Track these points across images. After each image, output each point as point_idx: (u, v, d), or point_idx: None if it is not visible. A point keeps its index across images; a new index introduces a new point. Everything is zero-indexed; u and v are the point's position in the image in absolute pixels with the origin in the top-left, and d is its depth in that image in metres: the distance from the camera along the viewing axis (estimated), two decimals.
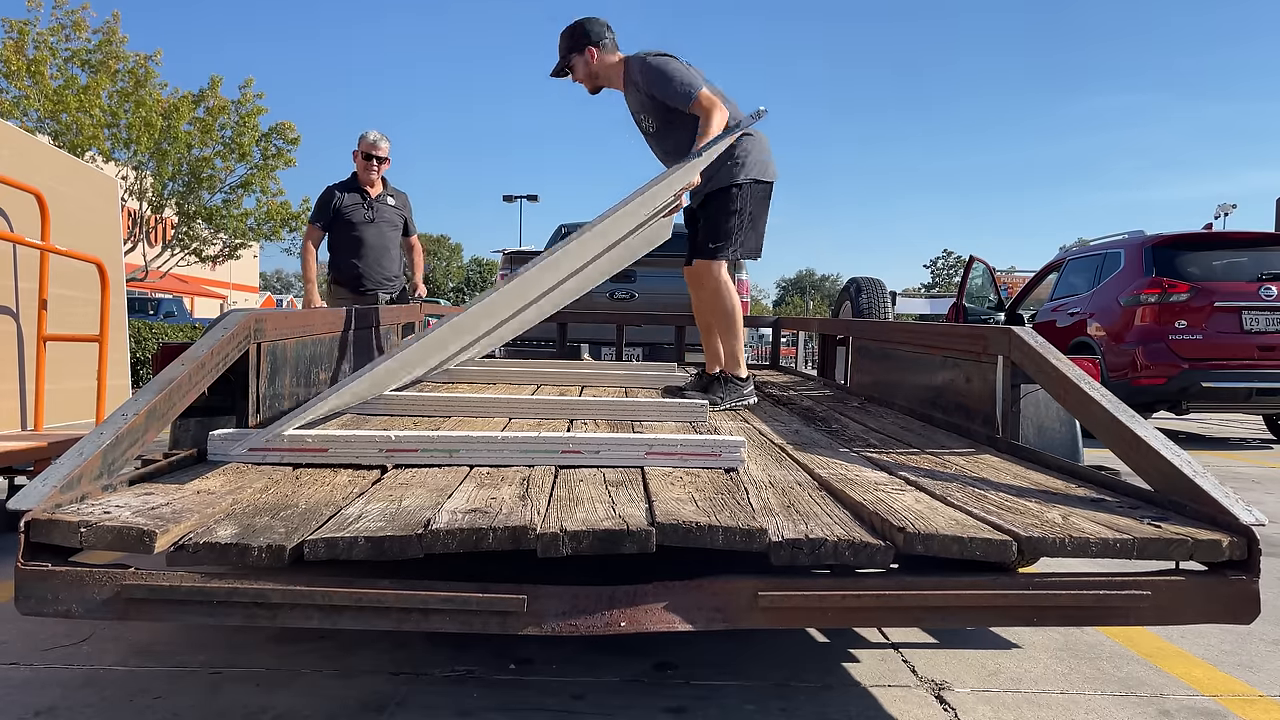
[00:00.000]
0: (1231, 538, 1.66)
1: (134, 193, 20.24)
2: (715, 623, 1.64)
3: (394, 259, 5.79)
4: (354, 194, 5.65)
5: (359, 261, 5.63)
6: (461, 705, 2.13)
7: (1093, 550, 1.65)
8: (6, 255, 3.68)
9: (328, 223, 5.64)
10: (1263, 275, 7.74)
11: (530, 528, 1.63)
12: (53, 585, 1.55)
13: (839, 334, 5.76)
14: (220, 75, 20.21)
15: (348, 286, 5.65)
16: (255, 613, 1.57)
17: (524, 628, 1.60)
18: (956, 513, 1.83)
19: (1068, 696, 2.26)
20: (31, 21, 18.49)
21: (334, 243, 5.68)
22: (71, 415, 4.04)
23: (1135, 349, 7.74)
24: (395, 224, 5.78)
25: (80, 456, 1.75)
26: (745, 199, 3.72)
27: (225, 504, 1.82)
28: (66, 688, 2.18)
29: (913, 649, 2.57)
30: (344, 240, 5.64)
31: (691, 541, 1.65)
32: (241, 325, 2.53)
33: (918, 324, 5.54)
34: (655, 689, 2.24)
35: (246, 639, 2.51)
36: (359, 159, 5.63)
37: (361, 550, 1.59)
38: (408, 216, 5.88)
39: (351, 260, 5.65)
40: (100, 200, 4.61)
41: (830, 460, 2.50)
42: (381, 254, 5.68)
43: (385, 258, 5.70)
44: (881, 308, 7.02)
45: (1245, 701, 2.25)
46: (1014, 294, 10.49)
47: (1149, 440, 2.00)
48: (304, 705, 2.11)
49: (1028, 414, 2.83)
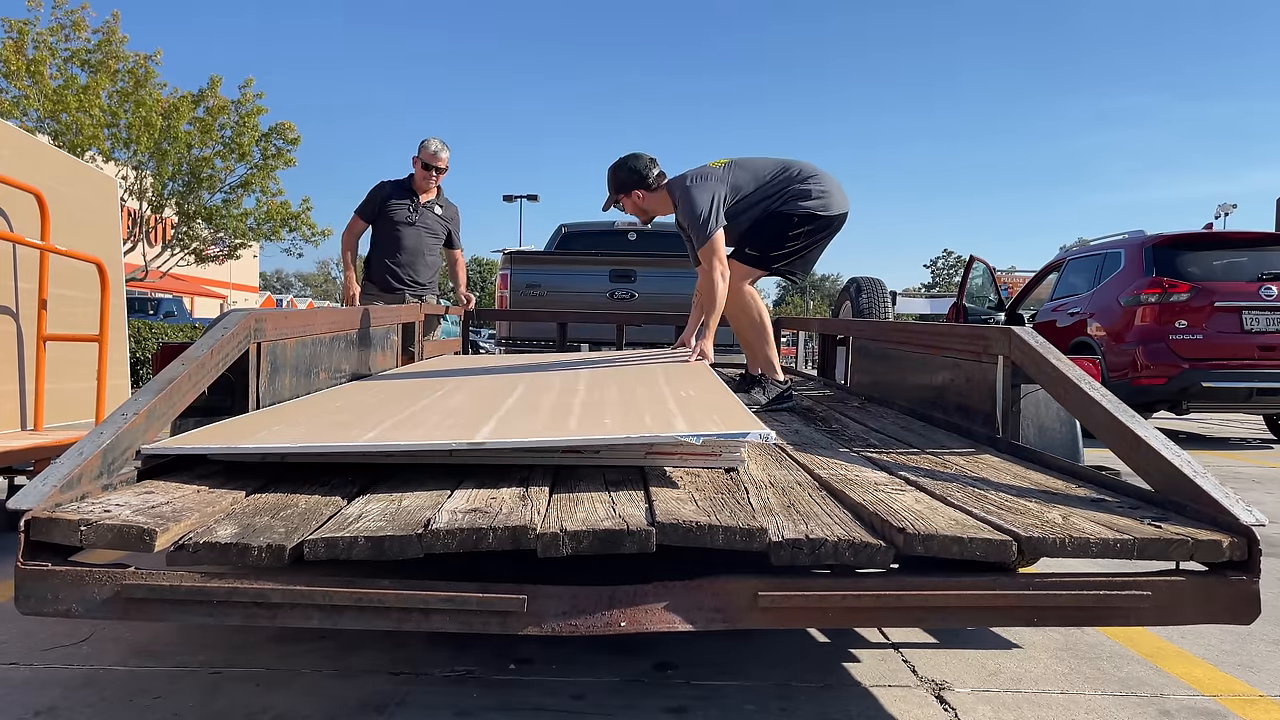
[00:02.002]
0: (1232, 538, 1.66)
1: (134, 193, 20.24)
2: (715, 623, 1.64)
3: (429, 266, 5.74)
4: (403, 194, 5.65)
5: (391, 261, 5.63)
6: (461, 705, 2.13)
7: (1093, 550, 1.65)
8: (6, 255, 3.68)
9: (372, 217, 5.65)
10: (1263, 275, 7.74)
11: (530, 527, 1.63)
12: (53, 585, 1.55)
13: (839, 334, 5.76)
14: (220, 75, 20.23)
15: (377, 284, 5.65)
16: (255, 612, 1.57)
17: (524, 628, 1.60)
18: (957, 513, 1.83)
19: (1068, 696, 2.26)
20: (31, 21, 18.48)
21: (375, 238, 5.71)
22: (71, 415, 4.04)
23: (1135, 349, 7.74)
24: (436, 232, 5.75)
25: (80, 456, 1.75)
26: (803, 229, 3.85)
27: (225, 503, 1.82)
28: (66, 688, 2.18)
29: (913, 649, 2.57)
30: (383, 237, 5.65)
31: (692, 541, 1.65)
32: (241, 325, 2.53)
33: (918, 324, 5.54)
34: (655, 689, 2.24)
35: (246, 639, 2.51)
36: (418, 166, 5.60)
37: (362, 550, 1.59)
38: (452, 229, 5.85)
39: (384, 259, 5.65)
40: (100, 200, 4.61)
41: (830, 460, 2.50)
42: (416, 258, 5.65)
43: (420, 262, 5.67)
44: (881, 308, 7.02)
45: (1245, 702, 2.25)
46: (1014, 294, 10.49)
47: (1149, 440, 2.00)
48: (304, 705, 2.11)
49: (1028, 414, 2.83)
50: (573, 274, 7.78)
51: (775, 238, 3.86)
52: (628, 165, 3.91)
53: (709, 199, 3.74)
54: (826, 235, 3.93)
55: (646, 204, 3.95)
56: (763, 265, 3.91)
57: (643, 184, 3.90)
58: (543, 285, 7.68)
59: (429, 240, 5.73)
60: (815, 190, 3.84)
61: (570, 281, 7.71)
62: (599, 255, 7.93)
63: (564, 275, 7.78)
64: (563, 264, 8.03)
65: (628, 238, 8.80)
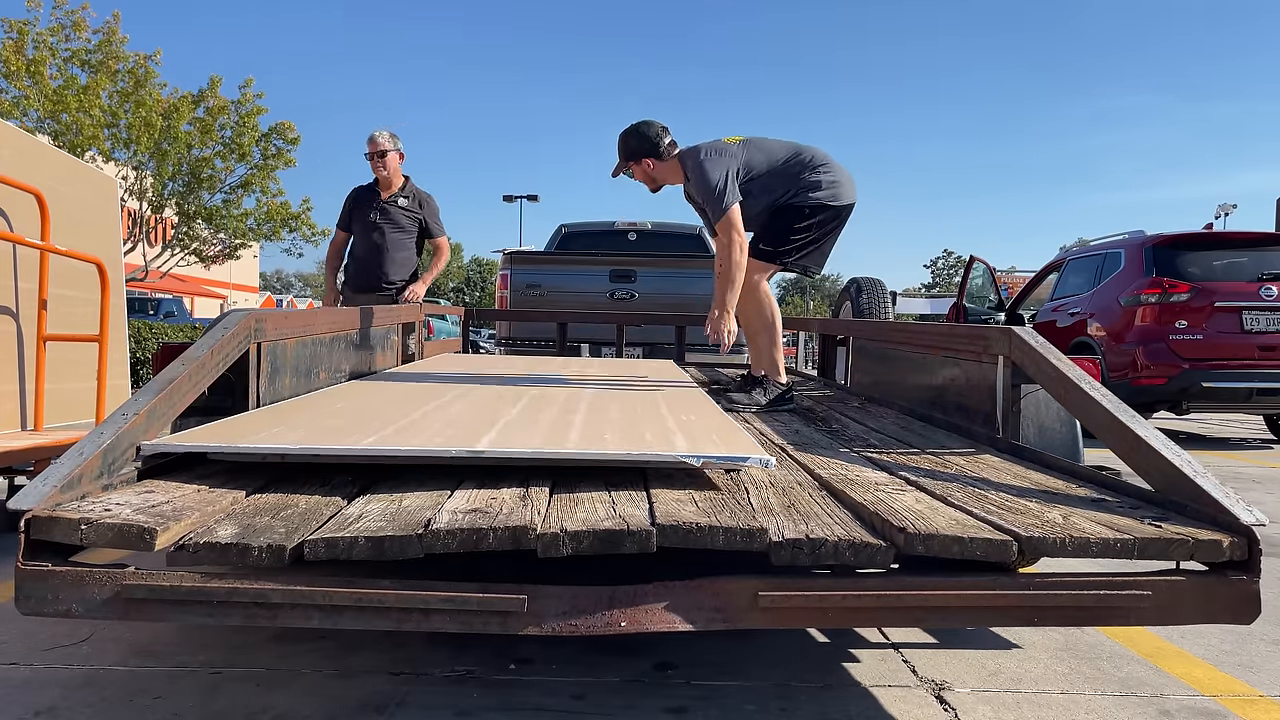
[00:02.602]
0: (1232, 538, 1.66)
1: (134, 193, 20.23)
2: (715, 623, 1.64)
3: (395, 262, 5.60)
4: (368, 195, 5.62)
5: (359, 263, 5.62)
6: (461, 705, 2.13)
7: (1093, 550, 1.65)
8: (6, 255, 3.68)
9: (346, 225, 5.65)
10: (1263, 275, 7.75)
11: (530, 528, 1.63)
12: (53, 585, 1.55)
13: (839, 334, 5.76)
14: (220, 75, 20.24)
15: (352, 287, 5.65)
16: (255, 613, 1.57)
17: (524, 628, 1.60)
18: (957, 513, 1.83)
19: (1068, 696, 2.26)
20: (31, 21, 18.48)
21: (351, 244, 5.71)
22: (71, 415, 4.04)
23: (1136, 349, 7.74)
24: (403, 226, 5.61)
25: (80, 456, 1.75)
26: (814, 220, 3.84)
27: (225, 503, 1.82)
28: (66, 688, 2.18)
29: (913, 649, 2.57)
30: (355, 241, 5.66)
31: (692, 541, 1.65)
32: (242, 325, 2.54)
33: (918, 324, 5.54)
34: (655, 689, 2.24)
35: (246, 639, 2.51)
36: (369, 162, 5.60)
37: (362, 550, 1.59)
38: (424, 217, 5.68)
39: (354, 261, 5.65)
40: (100, 200, 4.61)
41: (830, 460, 2.50)
42: (380, 256, 5.56)
43: (385, 260, 5.57)
44: (882, 308, 7.03)
45: (1245, 702, 2.25)
46: (1014, 294, 10.50)
47: (1150, 440, 2.00)
48: (304, 705, 2.11)
49: (1028, 414, 2.83)
50: (573, 274, 7.78)
51: (788, 230, 3.84)
52: (639, 132, 3.87)
53: (723, 172, 3.71)
54: (837, 226, 3.92)
55: (656, 173, 3.91)
56: (777, 260, 3.89)
57: (654, 152, 3.85)
58: (543, 285, 7.68)
59: (395, 236, 5.58)
60: (826, 180, 3.83)
61: (570, 281, 7.72)
62: (599, 255, 7.93)
63: (564, 275, 7.78)
64: (563, 264, 8.03)
65: (628, 238, 8.81)
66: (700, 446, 2.14)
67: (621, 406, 2.94)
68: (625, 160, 3.93)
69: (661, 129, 3.88)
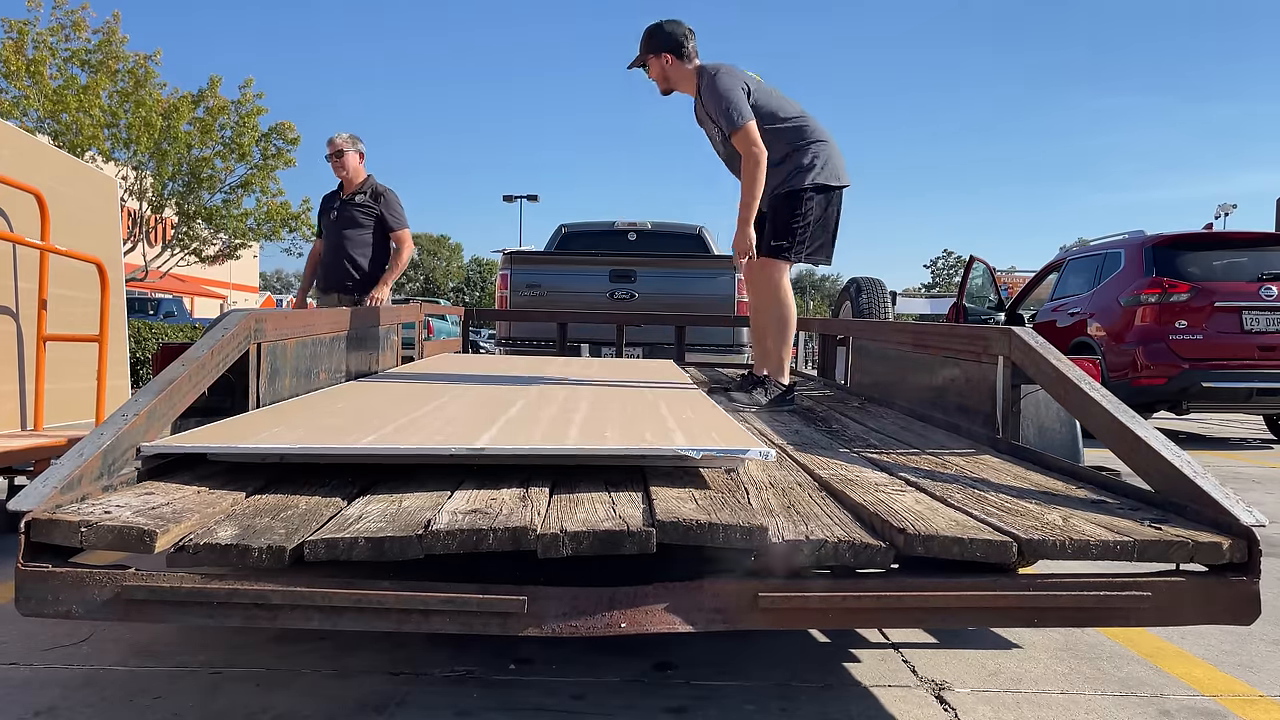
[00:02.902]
0: (1232, 539, 1.66)
1: (134, 193, 20.24)
2: (716, 624, 1.64)
3: (353, 260, 5.50)
4: (331, 199, 5.66)
5: (323, 266, 5.65)
6: (461, 705, 2.13)
7: (1093, 552, 1.65)
8: (6, 255, 3.68)
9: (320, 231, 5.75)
10: (1263, 275, 7.75)
11: (530, 528, 1.63)
12: (53, 586, 1.55)
13: (839, 334, 5.76)
14: (220, 75, 20.24)
15: (320, 288, 5.71)
16: (255, 614, 1.57)
17: (524, 629, 1.60)
18: (957, 514, 1.83)
19: (1068, 697, 2.26)
20: (31, 21, 18.50)
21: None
22: (71, 415, 4.04)
23: (1135, 349, 7.74)
24: (361, 224, 5.52)
25: (80, 457, 1.75)
26: (812, 204, 3.81)
27: (226, 504, 1.82)
28: (66, 688, 2.18)
29: (913, 649, 2.57)
30: (324, 246, 5.70)
31: (692, 539, 1.65)
32: (242, 325, 2.54)
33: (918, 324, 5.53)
34: (655, 689, 2.24)
35: (246, 639, 2.51)
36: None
37: (362, 551, 1.59)
38: (381, 211, 5.52)
39: (321, 265, 5.69)
40: (100, 200, 4.61)
41: (830, 461, 2.50)
42: (340, 257, 5.52)
43: (344, 259, 5.50)
44: (881, 308, 7.03)
45: (1245, 702, 2.26)
46: (1014, 294, 10.50)
47: (1149, 441, 2.00)
48: (304, 705, 2.11)
49: (1028, 414, 2.83)
50: (573, 274, 7.78)
51: (790, 220, 3.82)
52: (666, 28, 3.85)
53: (738, 89, 3.70)
54: (831, 209, 3.90)
55: (671, 73, 3.87)
56: (787, 255, 3.86)
57: (677, 50, 3.82)
58: (543, 285, 7.68)
59: (353, 234, 5.51)
60: (819, 161, 3.81)
61: (570, 281, 7.72)
62: (599, 255, 7.93)
63: (564, 275, 7.78)
64: (563, 264, 8.04)
65: (628, 238, 8.81)
66: (699, 442, 2.14)
67: (621, 406, 2.94)
68: (645, 52, 3.89)
69: (689, 31, 3.85)
